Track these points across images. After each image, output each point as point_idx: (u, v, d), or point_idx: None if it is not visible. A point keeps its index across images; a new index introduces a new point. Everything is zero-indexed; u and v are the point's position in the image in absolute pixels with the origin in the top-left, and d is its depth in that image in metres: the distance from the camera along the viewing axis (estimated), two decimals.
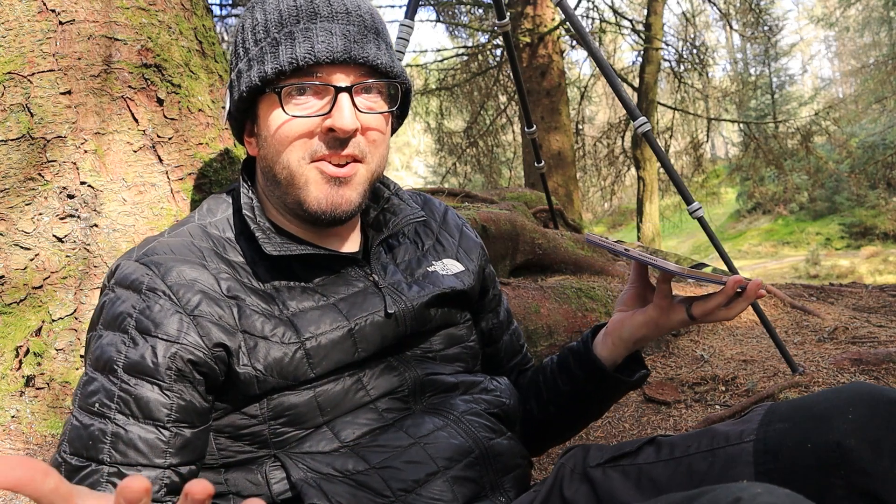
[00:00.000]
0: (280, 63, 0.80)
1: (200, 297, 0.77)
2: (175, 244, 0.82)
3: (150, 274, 0.77)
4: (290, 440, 0.79)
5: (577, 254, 3.00)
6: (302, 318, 0.82)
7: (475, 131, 9.59)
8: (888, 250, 14.35)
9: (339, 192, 0.83)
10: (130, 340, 0.74)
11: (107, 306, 0.77)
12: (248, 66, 0.83)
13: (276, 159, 0.83)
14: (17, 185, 1.03)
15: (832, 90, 30.13)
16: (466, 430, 0.85)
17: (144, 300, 0.76)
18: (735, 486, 0.54)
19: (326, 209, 0.83)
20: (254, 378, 0.77)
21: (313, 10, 0.82)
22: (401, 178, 30.07)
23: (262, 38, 0.83)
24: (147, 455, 0.71)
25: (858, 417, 0.68)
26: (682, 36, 9.58)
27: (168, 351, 0.73)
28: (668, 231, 14.68)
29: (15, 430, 0.99)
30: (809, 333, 2.43)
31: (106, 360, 0.73)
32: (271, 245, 0.82)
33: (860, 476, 0.66)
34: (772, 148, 9.98)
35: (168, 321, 0.74)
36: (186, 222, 0.89)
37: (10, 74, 1.04)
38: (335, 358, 0.82)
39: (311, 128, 0.81)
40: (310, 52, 0.79)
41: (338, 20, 0.82)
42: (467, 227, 1.09)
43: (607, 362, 0.96)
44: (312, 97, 0.82)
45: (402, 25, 1.93)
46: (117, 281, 0.79)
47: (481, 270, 1.06)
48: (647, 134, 1.83)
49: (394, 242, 0.98)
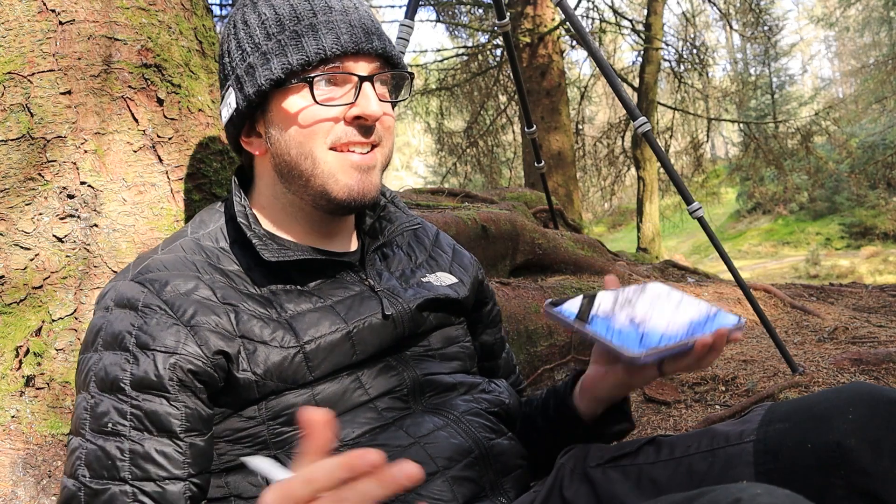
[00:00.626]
0: (307, 54, 0.81)
1: (196, 307, 0.77)
2: (168, 260, 0.83)
3: (144, 291, 0.78)
4: (289, 440, 0.79)
5: (577, 254, 3.00)
6: (300, 321, 0.82)
7: (475, 131, 9.59)
8: (888, 250, 14.35)
9: (367, 178, 0.85)
10: (133, 357, 0.74)
11: (105, 327, 0.77)
12: (263, 59, 0.83)
13: (299, 150, 0.84)
14: (17, 185, 1.03)
15: (832, 90, 30.14)
16: (466, 430, 0.85)
17: (141, 316, 0.76)
18: (735, 487, 0.54)
19: (357, 196, 0.85)
20: (253, 383, 0.77)
21: (327, 4, 0.84)
22: (401, 178, 30.05)
23: (277, 32, 0.83)
24: (166, 468, 0.72)
25: (858, 417, 0.68)
26: (682, 36, 9.58)
27: (167, 362, 0.73)
28: (669, 231, 14.68)
29: (15, 430, 0.99)
30: (809, 333, 2.43)
31: (112, 380, 0.74)
32: (269, 251, 0.83)
33: (860, 476, 0.66)
34: (772, 148, 9.98)
35: (165, 333, 0.75)
36: (179, 236, 0.89)
37: (10, 74, 1.04)
38: (334, 360, 0.82)
39: (335, 116, 0.83)
40: (336, 42, 0.82)
41: (351, 13, 0.85)
42: (458, 246, 1.11)
43: (585, 416, 0.93)
44: (334, 87, 0.84)
45: (402, 25, 1.93)
46: (113, 301, 0.79)
47: (478, 283, 1.07)
48: (647, 134, 1.83)
49: (388, 252, 0.99)
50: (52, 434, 1.01)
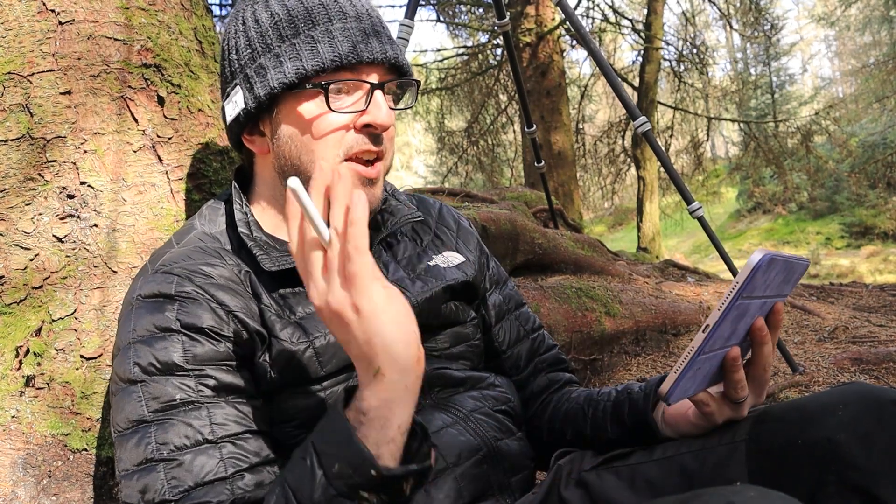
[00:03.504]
0: (322, 60, 0.81)
1: (230, 296, 0.79)
2: (189, 252, 0.83)
3: (175, 279, 0.78)
4: (300, 443, 0.79)
5: (577, 253, 3.00)
6: (309, 321, 0.83)
7: (476, 130, 9.59)
8: (888, 250, 14.34)
9: (371, 192, 0.85)
10: (188, 338, 0.74)
11: (141, 321, 0.76)
12: (276, 62, 0.82)
13: (307, 156, 0.83)
14: (17, 185, 1.03)
15: (832, 90, 30.12)
16: (475, 428, 0.85)
17: (179, 302, 0.76)
18: (728, 490, 0.54)
19: None
20: (267, 373, 0.78)
21: (341, 9, 0.83)
22: (401, 178, 30.04)
23: (290, 35, 0.82)
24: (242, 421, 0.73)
25: (849, 414, 0.68)
26: (682, 35, 9.57)
27: (216, 343, 0.75)
28: (669, 230, 14.67)
29: (15, 430, 0.99)
30: (810, 333, 2.43)
31: (166, 363, 0.73)
32: (269, 261, 0.83)
33: (852, 471, 0.66)
34: (772, 147, 9.98)
35: (208, 315, 0.76)
36: (190, 230, 0.89)
37: (10, 74, 1.04)
38: (344, 356, 0.82)
39: (346, 123, 0.83)
40: (352, 50, 0.81)
41: (364, 20, 0.84)
42: (462, 219, 1.10)
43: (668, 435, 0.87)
44: (344, 94, 0.83)
45: (402, 25, 1.93)
46: (143, 296, 0.78)
47: (483, 257, 1.07)
48: (646, 133, 1.83)
49: (392, 241, 0.99)
50: (52, 434, 1.01)
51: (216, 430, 0.71)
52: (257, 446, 0.73)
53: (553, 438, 0.99)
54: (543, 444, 1.00)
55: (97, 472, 1.02)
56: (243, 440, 0.72)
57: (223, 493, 0.68)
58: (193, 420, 0.70)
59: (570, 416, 0.97)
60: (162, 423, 0.70)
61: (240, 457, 0.71)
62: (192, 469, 0.68)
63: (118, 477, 0.72)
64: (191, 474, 0.68)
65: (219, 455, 0.70)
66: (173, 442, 0.69)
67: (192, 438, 0.70)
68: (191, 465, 0.68)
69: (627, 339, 2.32)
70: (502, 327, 1.05)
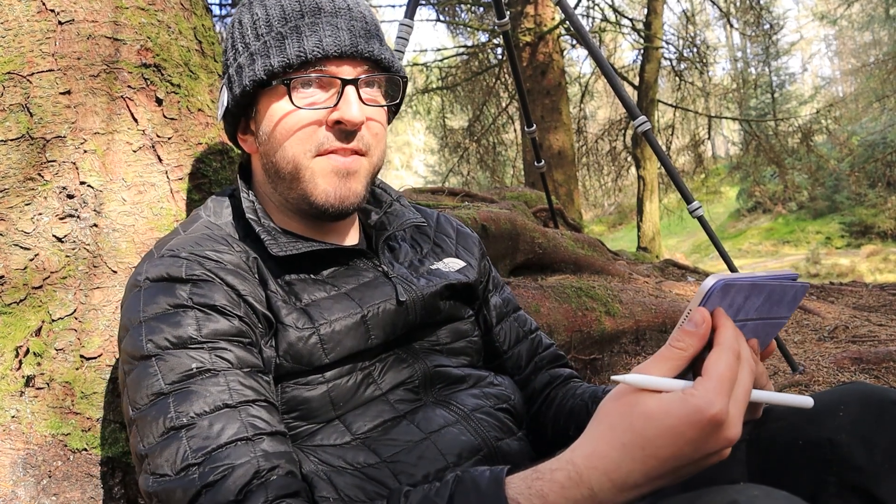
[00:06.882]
0: (287, 56, 0.80)
1: (239, 280, 0.79)
2: (196, 237, 0.83)
3: (184, 263, 0.77)
4: (301, 434, 0.80)
5: (577, 253, 3.00)
6: (315, 308, 0.83)
7: (477, 129, 9.59)
8: (888, 249, 14.34)
9: (346, 185, 0.84)
10: (202, 314, 0.74)
11: (154, 299, 0.75)
12: (250, 60, 0.83)
13: (281, 153, 0.83)
14: (17, 185, 1.03)
15: (832, 89, 30.10)
16: (476, 428, 0.85)
17: (191, 284, 0.76)
18: (732, 489, 0.54)
19: (335, 202, 0.84)
20: (272, 359, 0.79)
21: (316, 5, 0.83)
22: (401, 178, 30.03)
23: (265, 33, 0.83)
24: (259, 392, 0.73)
25: (850, 414, 0.68)
26: (682, 34, 9.56)
27: (230, 320, 0.75)
28: (669, 230, 14.67)
29: (15, 430, 0.99)
30: (810, 332, 2.43)
31: (183, 337, 0.72)
32: (277, 246, 0.83)
33: (852, 472, 0.66)
34: (772, 146, 9.97)
35: (219, 295, 0.76)
36: (196, 219, 0.89)
37: (10, 74, 1.04)
38: (348, 345, 0.83)
39: (317, 119, 0.82)
40: (318, 45, 0.80)
41: (341, 16, 0.83)
42: (461, 225, 1.11)
43: None
44: (318, 90, 0.83)
45: (401, 25, 1.93)
46: (151, 279, 0.77)
47: (485, 260, 1.08)
48: (646, 133, 1.83)
49: (394, 245, 1.00)
50: (52, 434, 1.01)
51: (234, 396, 0.70)
52: (275, 417, 0.73)
53: (557, 436, 1.00)
54: (548, 443, 1.00)
55: (97, 472, 1.02)
56: (262, 407, 0.72)
57: (246, 455, 0.66)
58: (212, 387, 0.70)
59: (574, 413, 0.98)
60: (179, 393, 0.69)
61: (260, 421, 0.70)
62: (212, 432, 0.67)
63: (142, 454, 0.69)
64: (212, 436, 0.67)
65: (238, 418, 0.69)
66: (193, 409, 0.68)
67: (211, 404, 0.69)
68: (211, 428, 0.67)
69: (627, 339, 2.32)
70: (503, 328, 1.07)
